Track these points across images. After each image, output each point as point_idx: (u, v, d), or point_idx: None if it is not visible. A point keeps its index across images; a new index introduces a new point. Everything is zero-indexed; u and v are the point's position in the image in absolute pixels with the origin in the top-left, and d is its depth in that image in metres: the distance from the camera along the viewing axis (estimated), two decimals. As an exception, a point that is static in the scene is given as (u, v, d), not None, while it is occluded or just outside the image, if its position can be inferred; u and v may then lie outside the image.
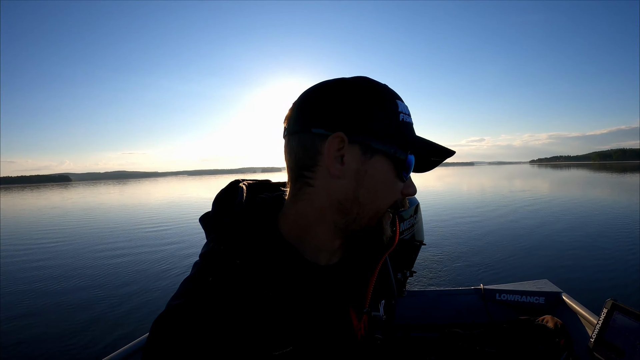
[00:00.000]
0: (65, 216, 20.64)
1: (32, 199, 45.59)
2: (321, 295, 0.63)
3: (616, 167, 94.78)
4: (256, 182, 0.74)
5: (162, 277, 7.32)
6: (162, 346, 0.50)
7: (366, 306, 0.72)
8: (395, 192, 0.63)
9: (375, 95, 0.60)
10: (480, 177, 54.81)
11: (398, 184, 0.63)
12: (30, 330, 5.13)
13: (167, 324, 0.52)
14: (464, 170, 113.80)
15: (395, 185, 0.63)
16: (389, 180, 0.62)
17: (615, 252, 7.80)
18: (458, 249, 8.45)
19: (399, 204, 0.64)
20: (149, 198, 34.82)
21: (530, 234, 9.89)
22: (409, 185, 0.65)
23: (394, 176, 0.62)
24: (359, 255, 0.72)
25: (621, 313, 1.38)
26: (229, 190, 0.70)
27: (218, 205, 0.67)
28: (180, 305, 0.53)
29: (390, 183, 0.62)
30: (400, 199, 0.64)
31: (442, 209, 16.11)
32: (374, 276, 0.74)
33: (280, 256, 0.60)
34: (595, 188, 25.39)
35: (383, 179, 0.61)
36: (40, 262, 9.21)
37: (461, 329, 1.64)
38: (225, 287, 0.55)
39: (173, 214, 18.71)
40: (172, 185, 70.62)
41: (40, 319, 5.55)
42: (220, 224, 0.63)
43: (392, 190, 0.63)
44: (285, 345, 0.56)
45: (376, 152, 0.59)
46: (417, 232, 2.31)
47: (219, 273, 0.56)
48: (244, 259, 0.57)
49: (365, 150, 0.59)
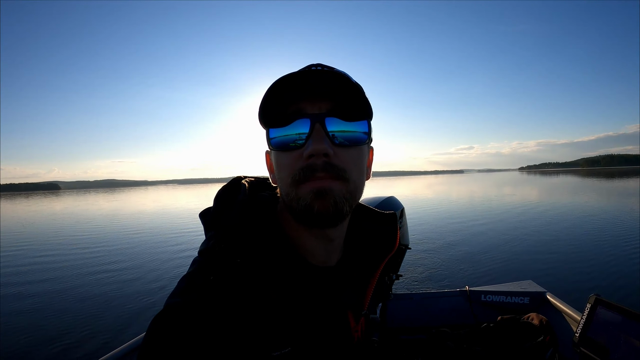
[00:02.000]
0: (79, 223, 20.38)
1: (34, 206, 44.81)
2: (320, 297, 0.62)
3: (604, 173, 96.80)
4: (258, 180, 0.73)
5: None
6: (159, 345, 0.48)
7: (364, 309, 0.71)
8: (289, 165, 0.59)
9: (262, 104, 0.60)
10: (468, 184, 55.39)
11: (287, 155, 0.59)
12: (26, 330, 5.12)
13: (165, 323, 0.50)
14: (453, 178, 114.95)
15: (287, 159, 0.59)
16: (279, 158, 0.61)
17: (598, 251, 7.92)
18: (443, 252, 8.49)
19: (305, 169, 0.57)
20: (145, 206, 34.55)
21: (514, 237, 10.00)
22: (306, 147, 0.57)
23: (280, 150, 0.61)
24: (358, 258, 0.72)
25: (605, 307, 1.39)
26: (231, 187, 0.68)
27: (219, 202, 0.66)
28: (179, 304, 0.51)
29: (281, 160, 0.61)
30: (303, 165, 0.57)
31: (427, 214, 16.22)
32: (375, 279, 0.73)
33: (281, 257, 0.59)
34: (579, 193, 25.90)
35: (275, 160, 0.63)
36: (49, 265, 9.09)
37: (448, 329, 1.64)
38: (225, 286, 0.53)
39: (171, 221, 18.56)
40: (163, 194, 70.21)
41: (37, 318, 5.53)
42: (221, 221, 0.62)
43: (288, 165, 0.59)
44: (284, 346, 0.55)
45: (270, 146, 0.64)
46: (403, 236, 2.33)
47: (219, 272, 0.54)
48: (245, 258, 0.56)
49: (270, 148, 0.64)
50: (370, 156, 0.68)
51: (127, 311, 5.63)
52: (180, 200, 41.47)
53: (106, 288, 6.92)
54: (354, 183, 0.59)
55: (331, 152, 0.57)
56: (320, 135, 0.57)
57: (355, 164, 0.60)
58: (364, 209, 0.77)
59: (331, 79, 0.57)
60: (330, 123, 0.58)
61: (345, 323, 0.67)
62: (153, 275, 7.70)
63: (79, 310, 5.78)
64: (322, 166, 0.56)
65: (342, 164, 0.58)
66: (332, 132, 0.58)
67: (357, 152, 0.61)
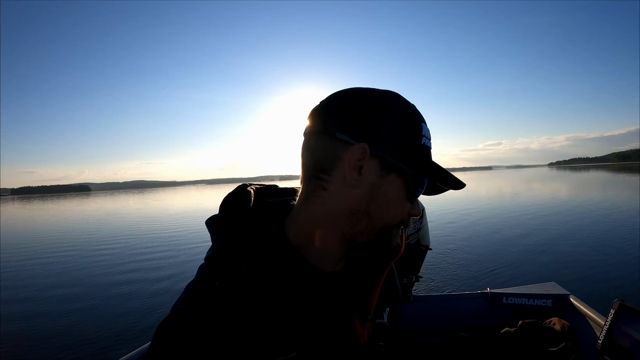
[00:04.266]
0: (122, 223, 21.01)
1: (75, 206, 46.77)
2: (326, 302, 0.62)
3: (636, 168, 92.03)
4: (264, 187, 0.74)
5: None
6: (165, 352, 0.49)
7: (370, 313, 0.72)
8: (403, 211, 0.63)
9: (404, 114, 0.61)
10: (496, 181, 53.98)
11: (407, 204, 0.63)
12: (33, 335, 5.27)
13: (172, 329, 0.51)
14: (481, 175, 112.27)
15: (404, 205, 0.63)
16: (400, 199, 0.62)
17: (624, 252, 7.59)
18: (464, 253, 8.33)
19: (404, 223, 0.65)
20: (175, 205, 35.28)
21: (538, 237, 9.70)
22: (416, 206, 0.65)
23: (404, 196, 0.62)
24: (364, 263, 0.72)
25: (629, 313, 1.35)
26: (237, 194, 0.69)
27: (225, 209, 0.67)
28: (185, 310, 0.52)
29: (400, 202, 0.62)
30: (406, 219, 0.65)
31: (452, 212, 15.91)
32: (380, 284, 0.74)
33: (287, 262, 0.60)
34: (608, 189, 24.86)
35: (395, 197, 0.61)
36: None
37: (467, 333, 1.61)
38: (231, 291, 0.54)
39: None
40: (193, 194, 71.52)
41: (44, 324, 5.69)
42: (227, 228, 0.63)
43: (401, 209, 0.63)
44: (290, 351, 0.55)
45: (394, 170, 0.60)
46: (423, 236, 2.29)
47: (225, 277, 0.55)
48: (251, 263, 0.57)
49: (384, 166, 0.59)
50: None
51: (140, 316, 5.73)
52: (209, 200, 42.15)
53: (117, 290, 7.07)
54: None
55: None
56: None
57: None
58: None
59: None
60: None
61: (352, 327, 0.67)
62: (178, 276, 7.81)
63: (104, 309, 5.97)
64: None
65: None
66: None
67: None
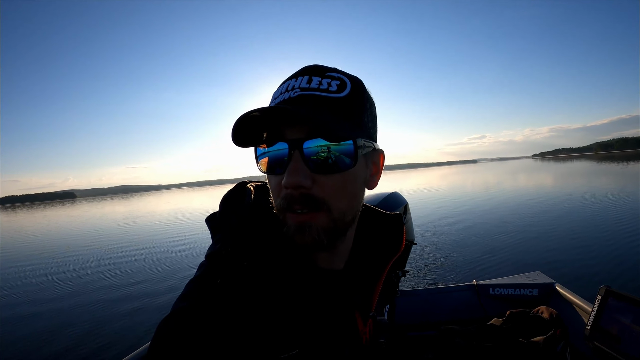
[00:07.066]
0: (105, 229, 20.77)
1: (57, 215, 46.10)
2: (328, 299, 0.62)
3: (619, 157, 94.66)
4: (264, 184, 0.72)
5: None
6: (165, 349, 0.48)
7: (372, 310, 0.72)
8: (276, 187, 0.58)
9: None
10: (480, 173, 54.79)
11: (273, 178, 0.59)
12: (35, 336, 5.27)
13: (172, 327, 0.50)
14: (466, 168, 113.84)
15: (273, 182, 0.59)
16: (268, 179, 0.61)
17: (607, 240, 7.72)
18: (449, 246, 8.39)
19: (287, 199, 0.56)
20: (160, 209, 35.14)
21: (520, 227, 9.83)
22: (284, 177, 0.56)
23: (265, 170, 0.60)
24: (365, 260, 0.72)
25: (615, 299, 1.37)
26: (237, 191, 0.69)
27: (225, 206, 0.66)
28: (186, 308, 0.52)
29: (269, 180, 0.61)
30: (284, 194, 0.56)
31: (435, 206, 16.05)
32: (381, 281, 0.74)
33: (288, 259, 0.59)
34: (589, 179, 25.36)
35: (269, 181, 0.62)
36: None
37: (457, 325, 1.62)
38: (232, 289, 0.53)
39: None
40: (177, 197, 71.12)
41: (44, 324, 5.70)
42: (227, 225, 0.62)
43: (274, 187, 0.59)
44: (292, 348, 0.54)
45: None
46: (408, 231, 2.30)
47: (226, 275, 0.55)
48: (252, 261, 0.56)
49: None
50: (380, 161, 0.66)
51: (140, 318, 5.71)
52: (194, 202, 42.00)
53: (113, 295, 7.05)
54: (338, 211, 0.57)
55: (308, 183, 0.54)
56: (297, 165, 0.54)
57: (340, 190, 0.57)
58: (370, 211, 0.78)
59: (312, 99, 0.56)
60: (311, 148, 0.55)
61: (353, 325, 0.67)
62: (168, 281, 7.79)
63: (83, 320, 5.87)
64: (299, 199, 0.55)
65: (322, 194, 0.55)
66: (313, 158, 0.55)
67: (342, 177, 0.57)
